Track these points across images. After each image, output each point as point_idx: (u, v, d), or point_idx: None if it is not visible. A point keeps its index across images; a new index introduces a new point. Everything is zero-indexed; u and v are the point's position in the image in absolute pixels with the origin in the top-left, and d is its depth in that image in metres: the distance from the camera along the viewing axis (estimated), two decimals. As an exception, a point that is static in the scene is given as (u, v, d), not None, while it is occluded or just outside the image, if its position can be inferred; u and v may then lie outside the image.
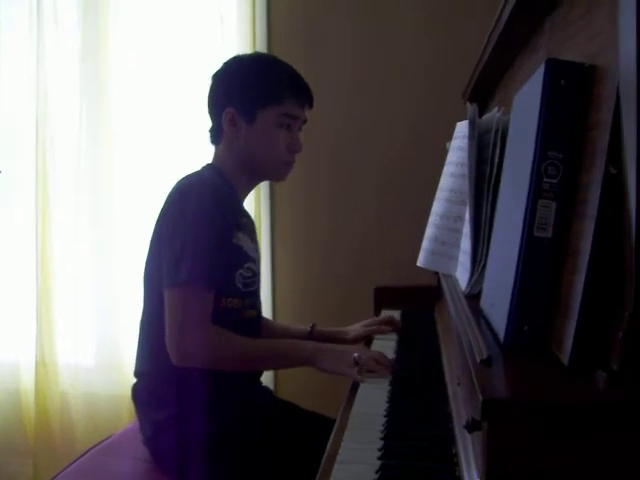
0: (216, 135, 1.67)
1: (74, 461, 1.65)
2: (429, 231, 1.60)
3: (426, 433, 1.08)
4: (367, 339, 1.83)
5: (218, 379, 1.53)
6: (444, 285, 1.55)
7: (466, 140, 1.48)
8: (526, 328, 0.83)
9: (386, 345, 1.65)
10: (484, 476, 0.67)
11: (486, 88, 1.91)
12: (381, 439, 1.06)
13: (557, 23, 1.10)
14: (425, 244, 1.61)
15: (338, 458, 1.00)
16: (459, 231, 1.47)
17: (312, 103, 1.67)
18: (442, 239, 1.53)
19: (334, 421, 1.66)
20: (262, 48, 2.46)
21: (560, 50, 1.03)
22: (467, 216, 1.41)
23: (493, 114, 1.27)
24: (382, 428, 1.11)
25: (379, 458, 0.98)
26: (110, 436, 1.82)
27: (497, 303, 0.94)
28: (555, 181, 0.82)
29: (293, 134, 1.64)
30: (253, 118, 1.59)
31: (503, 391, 0.68)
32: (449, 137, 1.76)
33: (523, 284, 0.83)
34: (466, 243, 1.36)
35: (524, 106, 0.96)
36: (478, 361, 0.79)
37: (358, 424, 1.13)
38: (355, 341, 1.83)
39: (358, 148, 2.51)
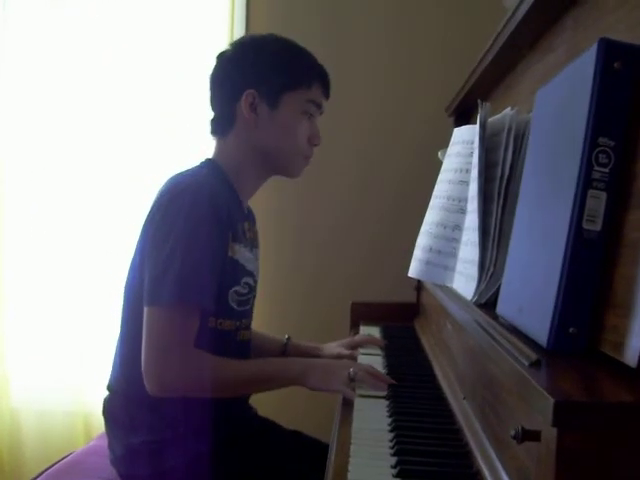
0: (223, 124, 1.47)
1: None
2: (422, 240, 1.53)
3: (439, 449, 1.00)
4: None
5: (198, 401, 1.37)
6: (439, 296, 1.48)
7: (466, 145, 1.43)
8: (572, 330, 0.76)
9: (373, 360, 1.55)
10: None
11: (472, 100, 1.87)
12: (392, 455, 0.97)
13: (583, 18, 1.05)
14: (418, 254, 1.54)
15: (349, 475, 0.90)
16: (457, 240, 1.40)
17: (329, 94, 1.53)
18: (437, 248, 1.45)
19: (318, 441, 1.59)
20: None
21: (591, 44, 0.98)
22: (467, 224, 1.35)
23: (504, 115, 1.21)
24: (391, 444, 1.02)
25: (396, 476, 0.89)
26: (70, 454, 1.67)
27: (529, 306, 0.87)
28: (606, 170, 0.76)
29: (314, 125, 1.49)
30: (277, 102, 1.43)
31: (574, 394, 0.60)
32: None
33: (570, 282, 0.76)
34: (467, 251, 1.30)
35: (561, 96, 0.90)
36: (527, 364, 0.71)
37: (363, 439, 1.04)
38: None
39: (337, 155, 2.44)
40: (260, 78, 1.42)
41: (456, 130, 1.49)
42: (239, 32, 2.39)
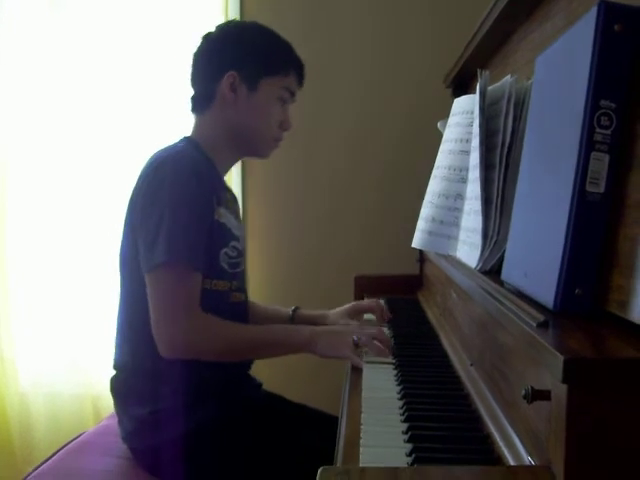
0: (202, 102, 1.54)
1: (45, 461, 1.53)
2: (425, 211, 1.54)
3: (449, 414, 1.02)
4: None
5: (204, 372, 1.42)
6: (444, 265, 1.49)
7: (465, 115, 1.44)
8: (578, 291, 0.77)
9: (379, 331, 1.57)
10: (564, 443, 0.60)
11: (470, 70, 1.87)
12: (403, 422, 0.99)
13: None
14: (421, 224, 1.54)
15: (361, 442, 0.92)
16: (459, 209, 1.41)
17: (303, 83, 1.61)
18: (440, 218, 1.46)
19: (324, 413, 1.61)
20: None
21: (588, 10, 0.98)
22: (469, 193, 1.35)
23: (504, 82, 1.21)
24: (401, 411, 1.03)
25: (407, 441, 0.91)
26: (80, 434, 1.69)
27: (534, 270, 0.88)
28: (608, 132, 0.76)
29: (286, 112, 1.58)
30: (256, 86, 1.51)
31: (583, 351, 0.62)
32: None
33: (575, 244, 0.77)
34: (469, 220, 1.31)
35: (561, 61, 0.91)
36: (535, 325, 0.72)
37: (373, 408, 1.06)
38: None
39: (328, 137, 2.45)
40: (242, 61, 1.51)
41: (456, 100, 1.49)
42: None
